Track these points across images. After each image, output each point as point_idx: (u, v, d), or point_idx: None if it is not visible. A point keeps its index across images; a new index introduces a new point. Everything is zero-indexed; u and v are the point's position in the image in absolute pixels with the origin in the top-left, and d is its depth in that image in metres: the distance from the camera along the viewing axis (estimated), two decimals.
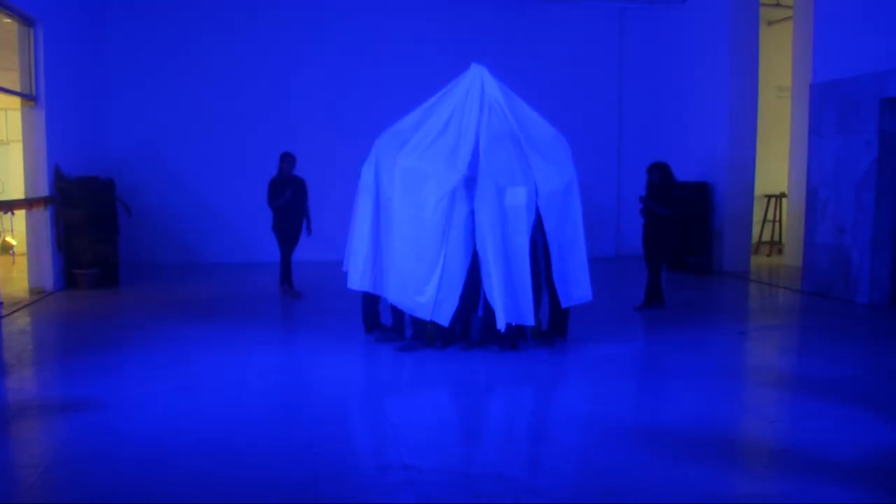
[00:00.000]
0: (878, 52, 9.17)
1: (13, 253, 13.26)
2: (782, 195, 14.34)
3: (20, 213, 10.32)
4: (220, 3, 13.19)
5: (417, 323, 7.15)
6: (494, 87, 7.24)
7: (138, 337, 7.70)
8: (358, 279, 7.30)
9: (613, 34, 14.46)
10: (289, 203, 9.72)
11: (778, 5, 14.07)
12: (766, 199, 14.56)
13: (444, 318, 6.83)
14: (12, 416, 5.34)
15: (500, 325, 6.71)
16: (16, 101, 10.24)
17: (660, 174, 8.99)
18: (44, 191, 10.12)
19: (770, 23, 14.55)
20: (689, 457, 4.54)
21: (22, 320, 8.53)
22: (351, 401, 5.89)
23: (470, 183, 6.82)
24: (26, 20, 9.80)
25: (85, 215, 10.40)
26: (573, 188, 7.10)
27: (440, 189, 6.77)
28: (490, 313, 6.92)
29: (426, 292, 6.77)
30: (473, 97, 7.16)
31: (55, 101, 10.33)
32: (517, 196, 6.79)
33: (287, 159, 9.83)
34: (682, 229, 10.86)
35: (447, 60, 7.73)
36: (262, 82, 13.32)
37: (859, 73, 9.45)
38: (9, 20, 9.69)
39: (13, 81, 9.89)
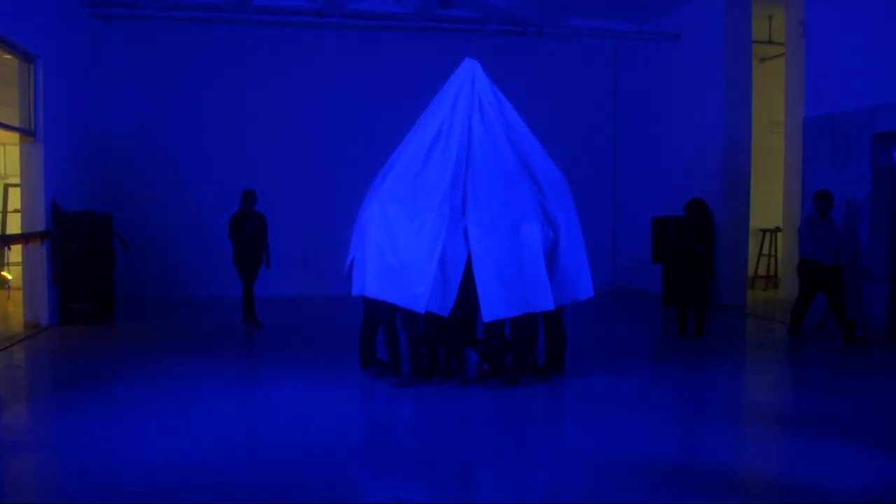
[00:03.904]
0: (868, 87, 9.28)
1: (8, 287, 13.21)
2: (777, 229, 14.40)
3: (16, 248, 10.30)
4: (220, 38, 13.33)
5: (415, 358, 7.12)
6: (486, 90, 7.27)
7: (132, 372, 7.65)
8: (356, 286, 7.22)
9: (608, 71, 14.63)
10: (250, 238, 10.03)
11: (770, 42, 14.28)
12: (761, 234, 14.62)
13: (444, 309, 6.75)
14: (5, 451, 5.29)
15: (486, 317, 6.64)
16: (14, 137, 10.29)
17: (696, 211, 9.32)
18: (41, 225, 10.12)
19: (763, 59, 14.74)
20: (688, 493, 4.51)
21: (16, 355, 8.49)
22: (346, 436, 5.83)
23: (454, 191, 6.81)
24: (27, 56, 9.88)
25: (82, 249, 10.38)
26: (573, 222, 7.19)
27: (433, 193, 6.83)
28: (491, 347, 6.92)
29: (422, 283, 6.65)
30: (462, 101, 7.18)
31: (53, 136, 10.38)
32: (532, 232, 6.82)
33: (248, 196, 10.25)
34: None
35: None
36: (259, 118, 13.42)
37: (851, 108, 9.55)
38: (9, 56, 9.77)
39: (12, 117, 9.95)
